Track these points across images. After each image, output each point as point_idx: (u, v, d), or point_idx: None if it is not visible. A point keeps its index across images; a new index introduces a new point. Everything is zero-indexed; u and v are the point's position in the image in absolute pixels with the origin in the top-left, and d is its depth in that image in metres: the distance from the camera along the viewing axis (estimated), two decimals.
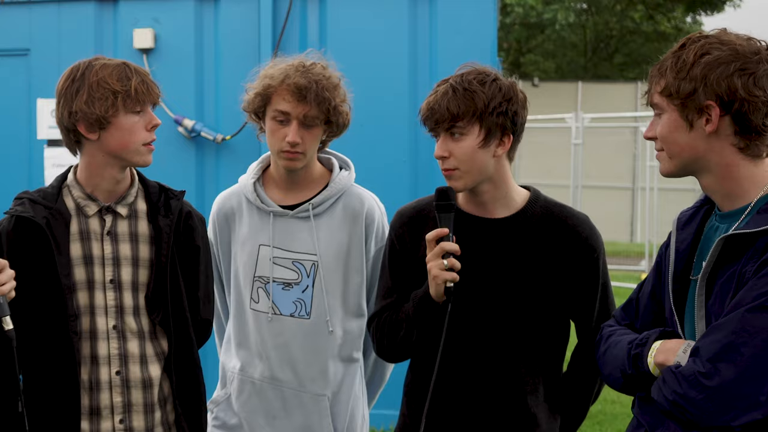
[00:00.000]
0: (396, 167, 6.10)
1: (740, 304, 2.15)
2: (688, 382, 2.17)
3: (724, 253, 2.24)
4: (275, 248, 3.22)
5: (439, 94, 2.73)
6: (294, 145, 3.08)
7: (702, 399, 2.14)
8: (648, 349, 2.33)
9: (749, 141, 2.24)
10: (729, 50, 2.22)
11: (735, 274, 2.21)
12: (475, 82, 2.71)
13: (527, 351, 2.83)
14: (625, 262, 16.33)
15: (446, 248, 2.66)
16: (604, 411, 7.16)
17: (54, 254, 2.81)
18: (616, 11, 28.21)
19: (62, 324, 2.82)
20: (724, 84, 2.20)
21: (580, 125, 14.16)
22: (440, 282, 2.66)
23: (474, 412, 2.82)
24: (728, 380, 2.12)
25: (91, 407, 2.89)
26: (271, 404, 3.26)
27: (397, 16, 6.13)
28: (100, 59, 2.88)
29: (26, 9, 6.53)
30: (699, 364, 2.16)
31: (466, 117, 2.70)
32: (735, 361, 2.12)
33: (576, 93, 23.59)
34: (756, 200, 2.26)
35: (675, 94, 2.26)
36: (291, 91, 3.07)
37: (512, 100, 2.74)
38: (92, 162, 2.90)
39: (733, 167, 2.27)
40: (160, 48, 6.42)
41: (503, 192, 2.82)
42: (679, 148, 2.30)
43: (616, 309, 2.65)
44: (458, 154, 2.73)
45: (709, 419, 2.14)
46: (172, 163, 6.33)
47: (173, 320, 2.95)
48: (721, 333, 2.16)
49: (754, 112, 2.21)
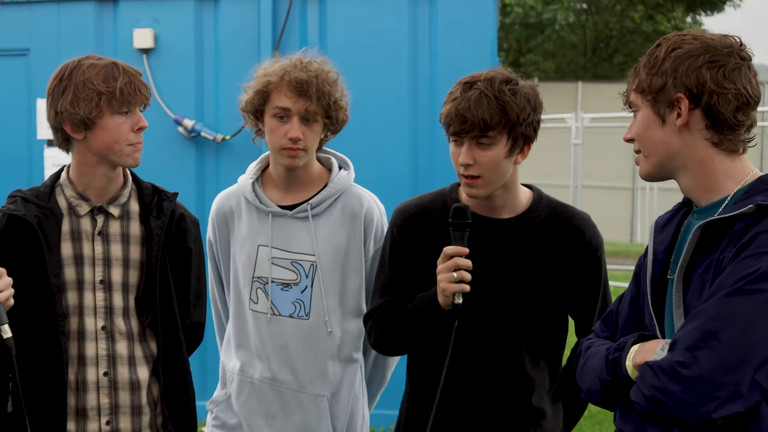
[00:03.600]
0: (396, 167, 6.10)
1: (718, 289, 2.07)
2: (666, 374, 2.06)
3: (701, 243, 2.18)
4: (274, 248, 3.21)
5: (472, 100, 2.66)
6: (296, 141, 3.07)
7: (680, 390, 2.03)
8: (626, 353, 2.23)
9: (722, 135, 2.20)
10: (700, 44, 2.20)
11: (712, 262, 2.14)
12: (507, 91, 2.67)
13: (532, 347, 2.84)
14: (625, 262, 16.30)
15: (459, 264, 2.66)
16: (603, 410, 7.15)
17: (44, 253, 2.80)
18: (615, 11, 28.20)
19: (50, 323, 2.82)
20: (693, 76, 2.17)
21: (579, 125, 14.16)
22: (449, 294, 2.67)
23: (480, 409, 2.83)
24: (707, 368, 2.01)
25: (78, 408, 2.89)
26: (271, 404, 3.26)
27: (397, 15, 6.13)
28: (90, 58, 2.86)
29: (26, 9, 6.53)
30: (677, 354, 2.07)
31: (497, 128, 2.66)
32: (714, 348, 2.02)
33: (576, 93, 23.57)
34: (733, 193, 2.20)
35: (647, 90, 2.24)
36: (291, 87, 3.06)
37: (537, 110, 2.74)
38: (83, 161, 2.90)
39: (708, 161, 2.22)
40: (160, 48, 6.42)
41: (513, 194, 2.83)
42: (653, 145, 2.26)
43: (596, 323, 2.57)
44: (484, 163, 2.70)
45: (688, 412, 2.03)
46: (171, 163, 6.35)
47: (162, 322, 2.94)
48: (698, 320, 2.06)
49: (724, 105, 2.16)
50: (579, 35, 28.99)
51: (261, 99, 3.12)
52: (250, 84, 3.16)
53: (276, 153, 3.15)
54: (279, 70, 3.09)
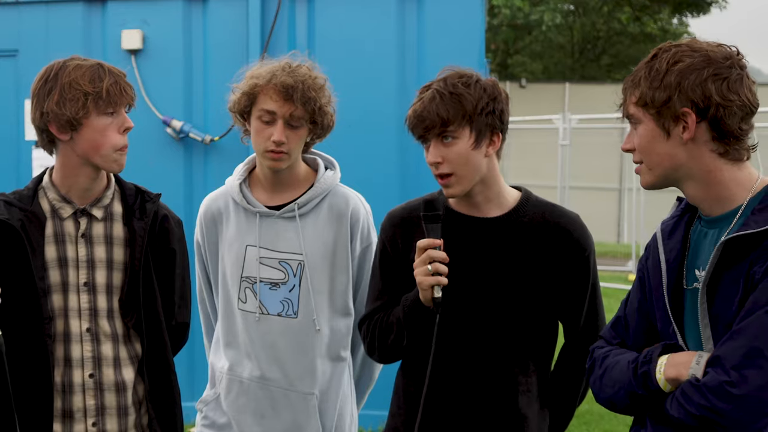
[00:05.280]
0: (384, 168, 6.11)
1: (756, 306, 2.11)
2: (715, 393, 2.10)
3: (725, 256, 2.20)
4: (262, 248, 3.23)
5: (426, 100, 2.72)
6: (279, 144, 3.09)
7: (732, 409, 2.08)
8: (655, 365, 2.26)
9: (728, 146, 2.22)
10: (701, 56, 2.21)
11: (740, 276, 2.16)
12: (459, 84, 2.71)
13: (520, 350, 2.84)
14: (612, 263, 16.37)
15: (433, 256, 2.67)
16: (591, 411, 7.18)
17: (29, 257, 2.79)
18: (602, 13, 28.31)
19: (37, 326, 2.81)
20: (698, 90, 2.19)
21: (567, 126, 14.22)
22: (426, 287, 2.68)
23: (467, 412, 2.83)
24: (757, 386, 2.07)
25: (64, 410, 2.89)
26: (260, 403, 3.27)
27: (386, 16, 6.14)
28: (75, 59, 2.86)
29: (14, 10, 6.52)
30: (723, 373, 2.10)
31: (456, 121, 2.69)
32: (762, 366, 2.07)
33: (563, 94, 23.64)
34: (747, 202, 2.23)
35: (650, 104, 2.25)
36: (278, 91, 3.08)
37: (497, 99, 2.75)
38: (67, 163, 2.90)
39: (716, 172, 2.24)
40: (149, 49, 6.41)
41: (495, 191, 2.83)
42: (658, 158, 2.27)
43: (604, 328, 2.58)
44: (452, 159, 2.72)
45: (740, 429, 2.09)
46: (160, 164, 6.34)
47: (147, 323, 2.95)
48: (742, 338, 2.10)
49: (730, 117, 2.19)
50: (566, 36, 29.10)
51: (248, 101, 3.14)
52: (239, 85, 3.18)
53: (260, 155, 3.17)
54: (267, 74, 3.11)
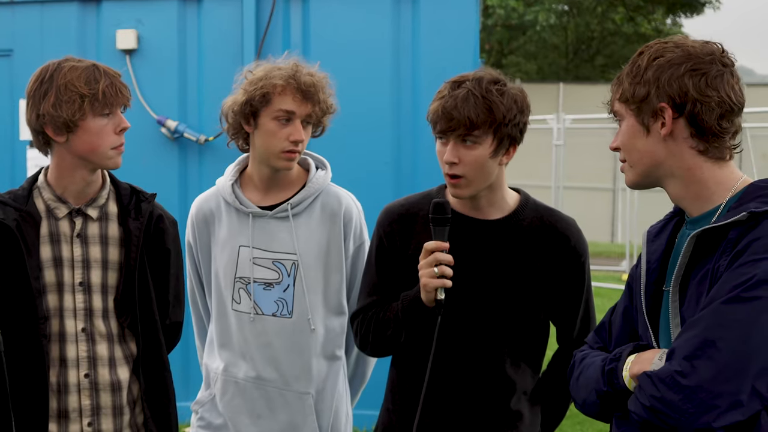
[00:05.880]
0: (379, 167, 6.11)
1: (715, 298, 2.05)
2: (665, 383, 2.04)
3: (696, 253, 2.16)
4: (255, 249, 3.23)
5: (459, 98, 2.67)
6: (297, 143, 3.11)
7: (680, 400, 2.01)
8: (623, 363, 2.21)
9: (707, 143, 2.19)
10: (681, 52, 2.19)
11: (708, 271, 2.12)
12: (494, 90, 2.68)
13: (515, 349, 2.85)
14: (606, 263, 16.38)
15: (440, 259, 2.67)
16: None
17: (24, 257, 2.78)
18: (597, 13, 28.32)
19: (32, 326, 2.81)
20: (675, 85, 2.16)
21: (561, 126, 14.23)
22: (430, 290, 2.68)
23: (463, 409, 2.84)
24: (706, 378, 1.99)
25: (59, 410, 2.89)
26: (256, 403, 3.27)
27: (380, 16, 6.14)
28: (70, 61, 2.85)
29: (9, 9, 6.51)
30: (675, 363, 2.04)
31: (483, 127, 2.67)
32: (712, 357, 2.00)
33: (557, 94, 23.64)
34: (726, 201, 2.19)
35: (631, 99, 2.24)
36: (300, 90, 3.09)
37: (524, 112, 2.74)
38: (62, 164, 2.89)
39: (695, 170, 2.20)
40: (143, 49, 6.40)
41: (499, 195, 2.84)
42: (639, 155, 2.25)
43: (589, 334, 2.56)
44: (469, 162, 2.70)
45: (689, 421, 2.01)
46: (154, 164, 6.34)
47: (142, 323, 2.95)
48: (696, 329, 2.04)
49: (707, 113, 2.15)
50: (560, 37, 29.11)
51: (261, 101, 3.11)
52: (244, 85, 3.16)
53: (272, 155, 3.16)
54: (284, 74, 3.11)
